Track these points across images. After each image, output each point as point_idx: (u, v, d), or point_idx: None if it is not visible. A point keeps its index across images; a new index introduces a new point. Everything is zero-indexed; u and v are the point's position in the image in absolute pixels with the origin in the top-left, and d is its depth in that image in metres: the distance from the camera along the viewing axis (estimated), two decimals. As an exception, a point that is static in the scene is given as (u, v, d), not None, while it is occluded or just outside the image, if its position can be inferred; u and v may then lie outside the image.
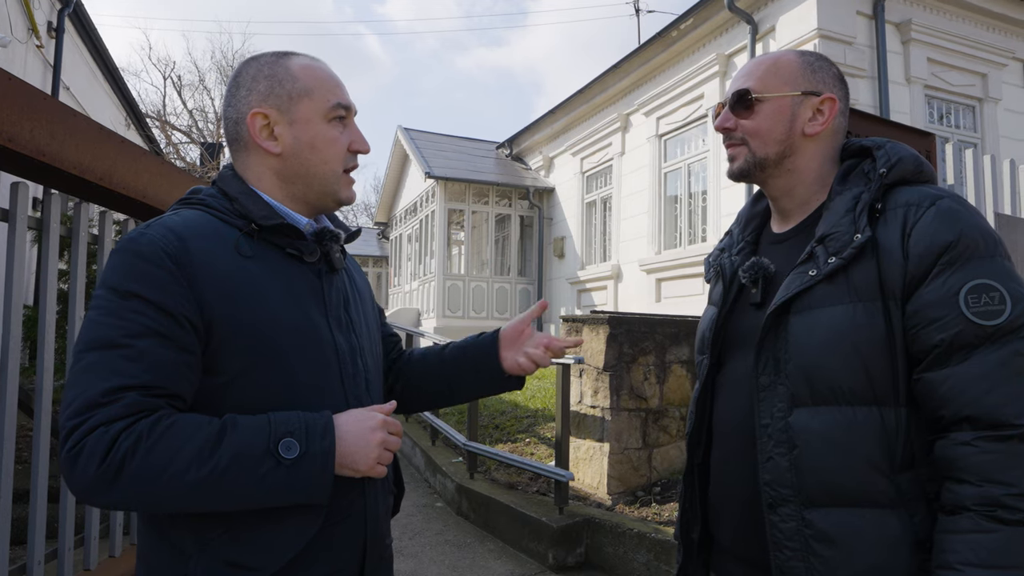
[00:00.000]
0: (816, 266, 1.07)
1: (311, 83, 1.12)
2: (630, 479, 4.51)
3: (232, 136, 1.14)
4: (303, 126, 1.11)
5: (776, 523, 1.06)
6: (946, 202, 1.03)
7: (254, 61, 1.15)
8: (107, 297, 0.96)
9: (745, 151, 1.20)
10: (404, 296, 15.67)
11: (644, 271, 10.05)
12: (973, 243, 1.00)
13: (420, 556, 4.16)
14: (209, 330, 0.98)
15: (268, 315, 1.02)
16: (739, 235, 1.32)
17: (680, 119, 9.48)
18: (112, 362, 0.92)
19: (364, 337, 1.21)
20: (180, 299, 0.96)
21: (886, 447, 1.01)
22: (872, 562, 1.00)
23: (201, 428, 0.93)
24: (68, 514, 2.30)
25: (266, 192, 1.13)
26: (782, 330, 1.09)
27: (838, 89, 1.19)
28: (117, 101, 12.05)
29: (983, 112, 8.42)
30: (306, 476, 0.96)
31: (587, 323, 4.75)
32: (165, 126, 20.31)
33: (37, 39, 8.14)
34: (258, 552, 0.99)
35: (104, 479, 0.88)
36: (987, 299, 0.97)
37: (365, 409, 1.06)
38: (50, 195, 2.31)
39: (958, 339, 0.98)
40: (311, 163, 1.12)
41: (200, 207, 1.09)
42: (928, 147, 2.62)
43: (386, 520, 1.20)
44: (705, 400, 1.26)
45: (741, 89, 1.19)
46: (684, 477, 1.31)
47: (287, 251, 1.10)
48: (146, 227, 1.01)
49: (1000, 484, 0.92)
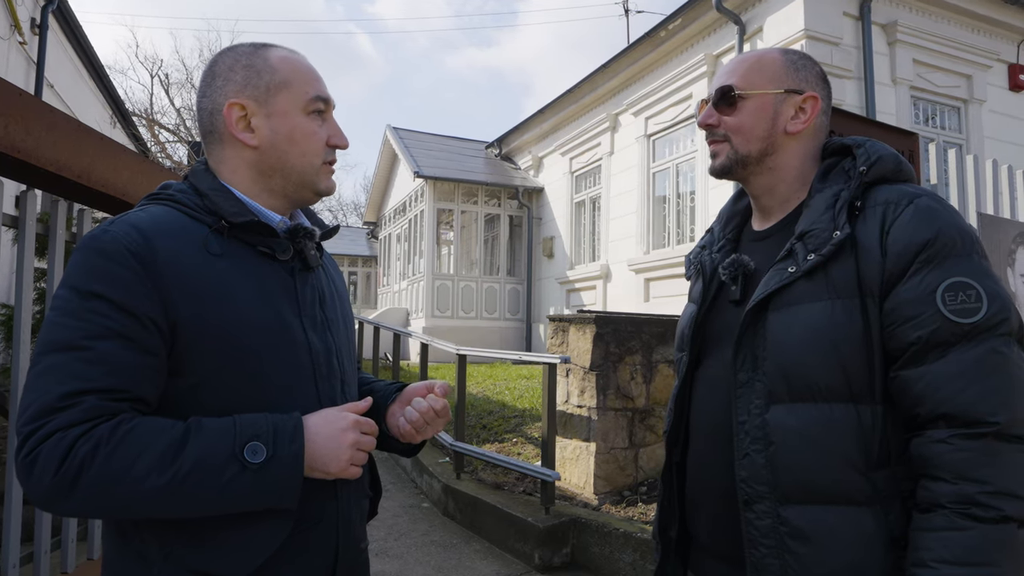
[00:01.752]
0: (795, 263, 1.07)
1: (290, 75, 1.09)
2: (616, 479, 4.51)
3: (207, 128, 1.10)
4: (281, 118, 1.07)
5: (751, 520, 1.06)
6: (924, 200, 1.04)
7: (231, 51, 1.11)
8: (67, 297, 0.93)
9: (727, 148, 1.20)
10: (393, 296, 15.63)
11: (633, 271, 10.07)
12: (951, 241, 1.01)
13: (406, 557, 4.14)
14: (175, 331, 0.95)
15: (237, 315, 0.99)
16: (720, 233, 1.32)
17: (668, 119, 9.50)
18: (70, 365, 0.89)
19: (341, 337, 1.17)
20: (143, 299, 0.93)
21: (862, 444, 1.01)
22: (847, 559, 1.00)
23: (163, 432, 0.90)
24: (45, 517, 2.26)
25: (241, 186, 1.09)
26: (760, 327, 1.09)
27: (821, 88, 1.19)
28: (103, 99, 11.93)
29: (968, 113, 8.49)
30: (273, 481, 0.93)
31: (574, 323, 4.74)
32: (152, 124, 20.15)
33: (20, 36, 8.04)
34: (224, 559, 0.96)
35: (61, 487, 0.85)
36: (964, 297, 0.97)
37: (336, 408, 1.04)
38: (27, 193, 2.27)
39: (935, 337, 0.98)
40: (289, 156, 1.09)
41: (169, 203, 1.06)
42: (911, 147, 2.63)
43: (361, 525, 1.17)
44: (684, 397, 1.25)
45: (724, 85, 1.19)
46: (663, 475, 1.30)
47: (258, 249, 1.06)
48: (109, 224, 0.98)
49: (975, 482, 0.92)
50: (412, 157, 13.25)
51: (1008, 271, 3.30)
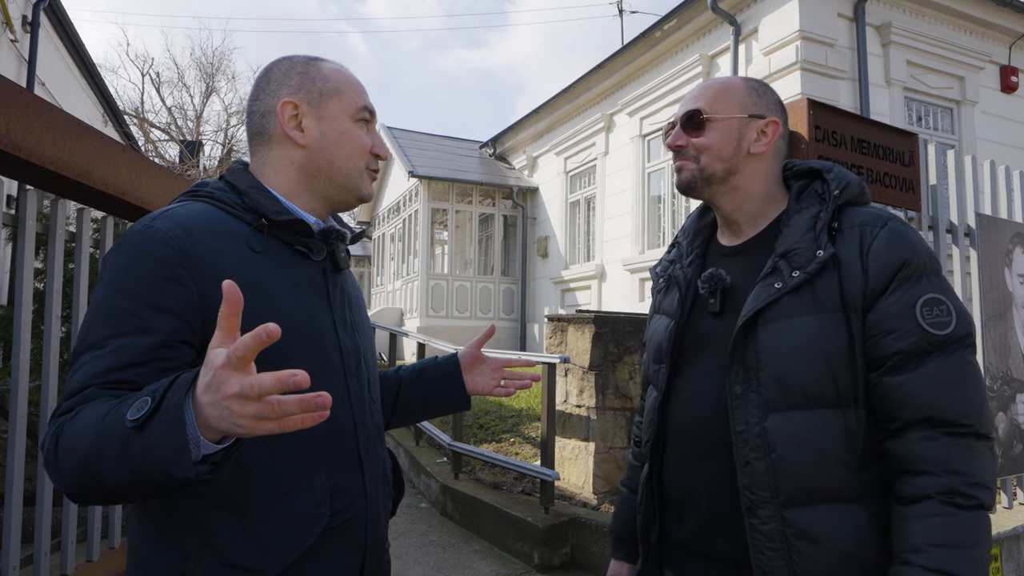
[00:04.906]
0: (781, 279, 1.14)
1: (341, 84, 1.15)
2: (615, 478, 4.51)
3: (256, 130, 1.14)
4: (331, 122, 1.12)
5: (756, 526, 1.10)
6: (895, 223, 1.15)
7: (286, 59, 1.16)
8: (103, 293, 0.94)
9: (693, 165, 1.27)
10: (387, 296, 15.59)
11: (628, 271, 10.08)
12: (923, 262, 1.12)
13: (404, 557, 4.13)
14: (214, 326, 0.94)
15: (275, 312, 0.99)
16: (687, 247, 1.38)
17: (663, 119, 9.51)
18: (97, 362, 0.90)
19: (365, 337, 1.21)
20: (179, 298, 0.94)
21: (851, 446, 1.10)
22: (846, 552, 1.07)
23: (107, 402, 0.85)
24: (44, 518, 2.24)
25: (282, 188, 1.12)
26: (751, 340, 1.15)
27: (780, 114, 1.28)
28: (94, 97, 11.85)
29: (960, 114, 8.55)
30: (157, 438, 0.77)
31: (572, 322, 4.74)
32: (143, 123, 20.04)
33: (11, 33, 7.97)
34: (262, 553, 0.96)
35: (50, 467, 0.87)
36: (938, 311, 1.09)
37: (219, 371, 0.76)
38: (26, 192, 2.25)
39: (914, 347, 1.08)
40: (336, 158, 1.12)
41: (208, 200, 1.07)
42: (911, 147, 2.64)
43: (386, 523, 1.18)
44: (665, 407, 1.29)
45: (692, 109, 1.27)
46: (644, 482, 1.33)
47: (295, 248, 1.08)
48: (151, 219, 0.99)
49: (958, 474, 1.03)
50: (406, 156, 13.22)
51: (1005, 271, 3.32)
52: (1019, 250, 3.41)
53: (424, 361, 1.49)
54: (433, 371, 1.45)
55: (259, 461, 0.98)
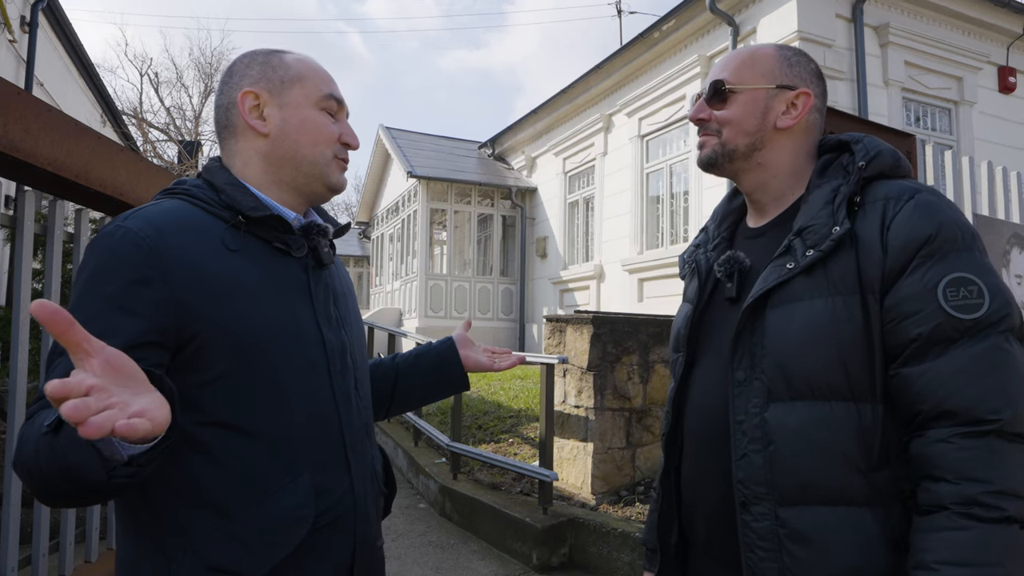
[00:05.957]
0: (794, 259, 1.04)
1: (304, 72, 1.13)
2: (614, 479, 4.52)
3: (222, 124, 1.13)
4: (293, 110, 1.10)
5: (748, 523, 1.03)
6: (925, 195, 1.02)
7: (248, 54, 1.16)
8: (75, 294, 0.94)
9: (715, 140, 1.18)
10: (386, 296, 15.58)
11: (626, 271, 10.08)
12: (952, 236, 0.99)
13: (403, 558, 4.13)
14: (188, 327, 0.94)
15: (253, 311, 0.99)
16: (715, 231, 1.30)
17: (662, 120, 9.52)
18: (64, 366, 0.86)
19: (353, 333, 1.18)
20: (147, 300, 0.93)
21: (863, 443, 0.99)
22: (848, 562, 0.97)
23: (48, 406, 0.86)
24: (43, 519, 2.24)
25: (253, 181, 1.10)
26: (758, 324, 1.06)
27: (815, 85, 1.17)
28: (92, 97, 11.84)
29: (959, 115, 8.56)
30: (66, 443, 0.77)
31: (571, 323, 4.74)
32: (142, 123, 20.02)
33: (9, 33, 7.97)
34: (245, 555, 0.95)
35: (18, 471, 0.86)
36: (965, 293, 0.95)
37: None
38: (24, 192, 2.25)
39: (936, 333, 0.95)
40: (301, 144, 1.10)
41: (184, 197, 1.06)
42: (909, 148, 2.64)
43: (377, 522, 1.17)
44: (680, 399, 1.22)
45: (716, 80, 1.18)
46: (660, 480, 1.26)
47: (274, 245, 1.07)
48: (123, 219, 0.97)
49: (977, 481, 0.90)
50: (405, 157, 13.21)
51: (1003, 272, 3.33)
52: (1016, 250, 3.42)
53: (420, 347, 1.49)
54: (430, 354, 1.46)
55: (241, 461, 0.97)
